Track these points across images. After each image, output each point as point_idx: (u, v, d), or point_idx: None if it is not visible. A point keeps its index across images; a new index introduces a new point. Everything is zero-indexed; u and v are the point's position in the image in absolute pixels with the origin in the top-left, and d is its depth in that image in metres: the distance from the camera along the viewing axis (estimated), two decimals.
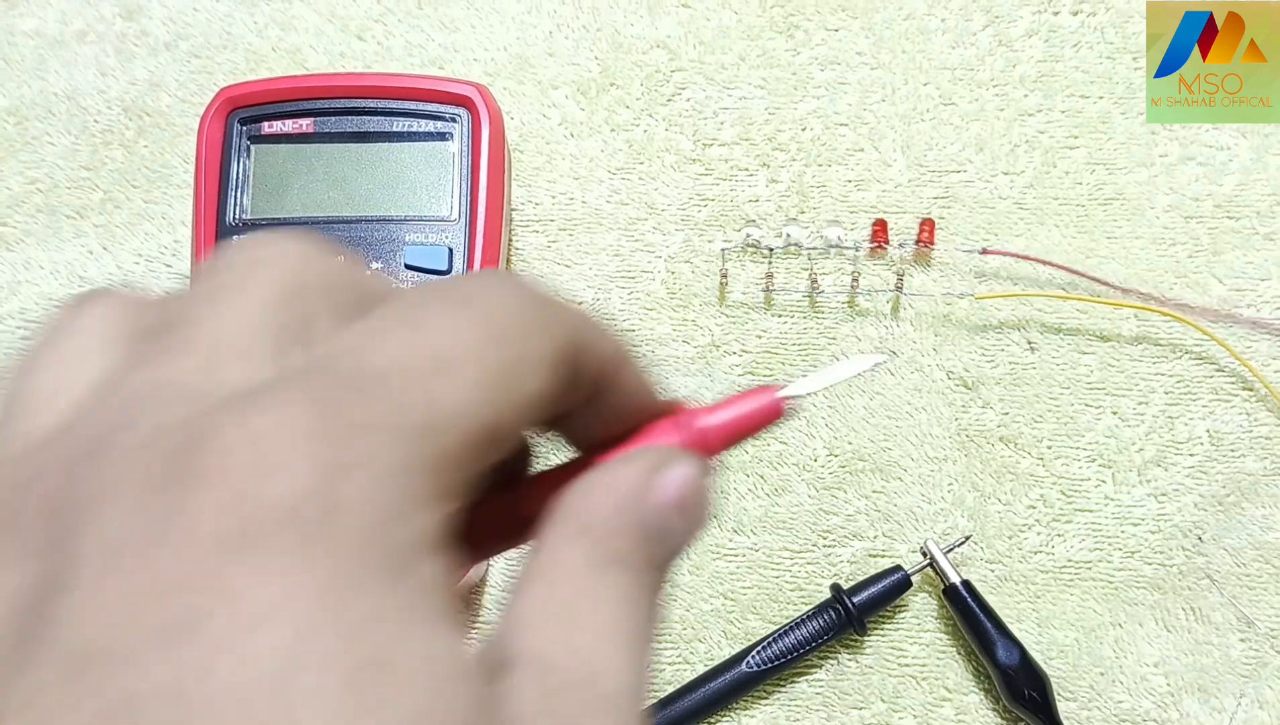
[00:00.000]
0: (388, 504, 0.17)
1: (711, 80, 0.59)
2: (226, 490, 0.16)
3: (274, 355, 0.18)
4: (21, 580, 0.16)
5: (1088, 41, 0.58)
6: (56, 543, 0.16)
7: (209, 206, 0.53)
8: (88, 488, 0.16)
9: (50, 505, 0.16)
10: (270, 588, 0.15)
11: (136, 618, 0.15)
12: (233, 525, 0.15)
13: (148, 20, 0.61)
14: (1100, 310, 0.54)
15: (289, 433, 0.16)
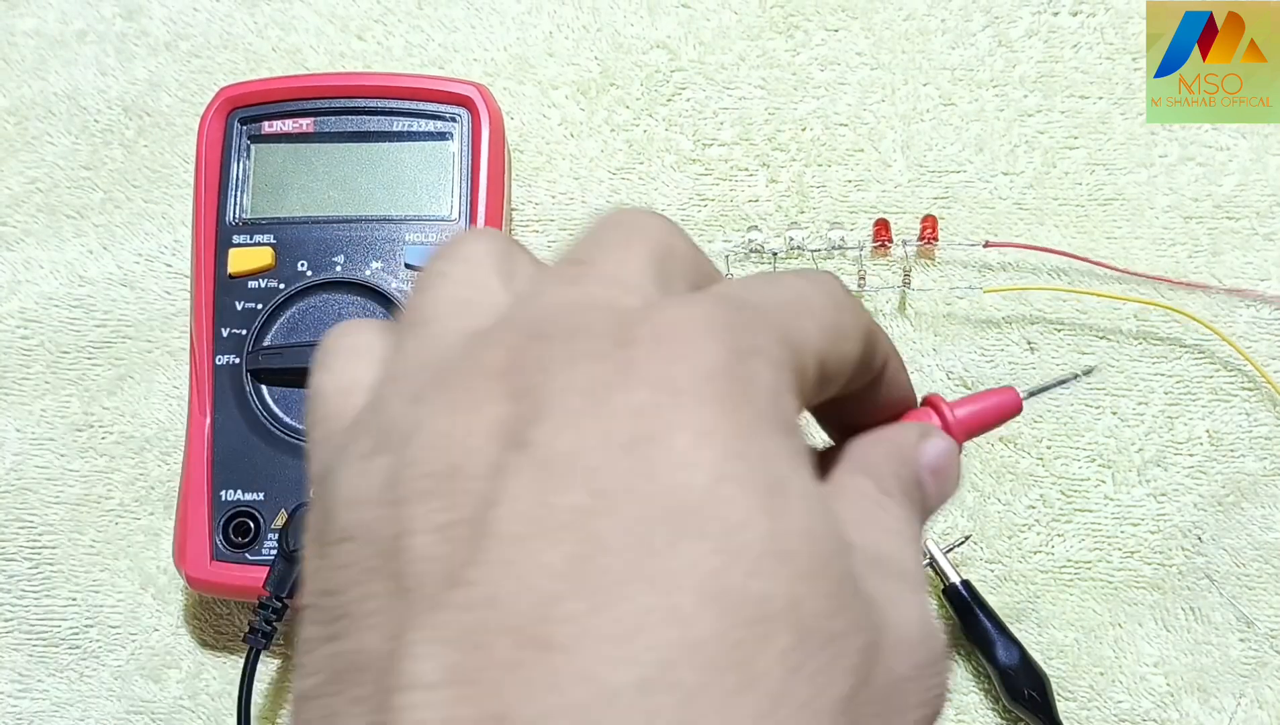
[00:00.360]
0: (777, 384, 0.22)
1: (711, 80, 0.59)
2: (662, 357, 0.21)
3: (660, 293, 0.23)
4: (497, 413, 0.21)
5: (1087, 42, 0.58)
6: (523, 392, 0.21)
7: (209, 206, 0.53)
8: (545, 355, 0.22)
9: (507, 368, 0.22)
10: (701, 424, 0.20)
11: (600, 436, 0.20)
12: (668, 381, 0.21)
13: (148, 20, 0.61)
14: (1100, 310, 0.54)
15: (704, 322, 0.22)
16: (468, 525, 0.20)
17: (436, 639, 0.19)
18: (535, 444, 0.21)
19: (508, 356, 0.22)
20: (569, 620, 0.19)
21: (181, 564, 0.50)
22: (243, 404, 0.51)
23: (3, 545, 0.54)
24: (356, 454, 0.23)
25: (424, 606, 0.20)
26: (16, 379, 0.56)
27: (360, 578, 0.21)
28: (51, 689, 0.52)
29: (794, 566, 0.20)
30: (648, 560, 0.20)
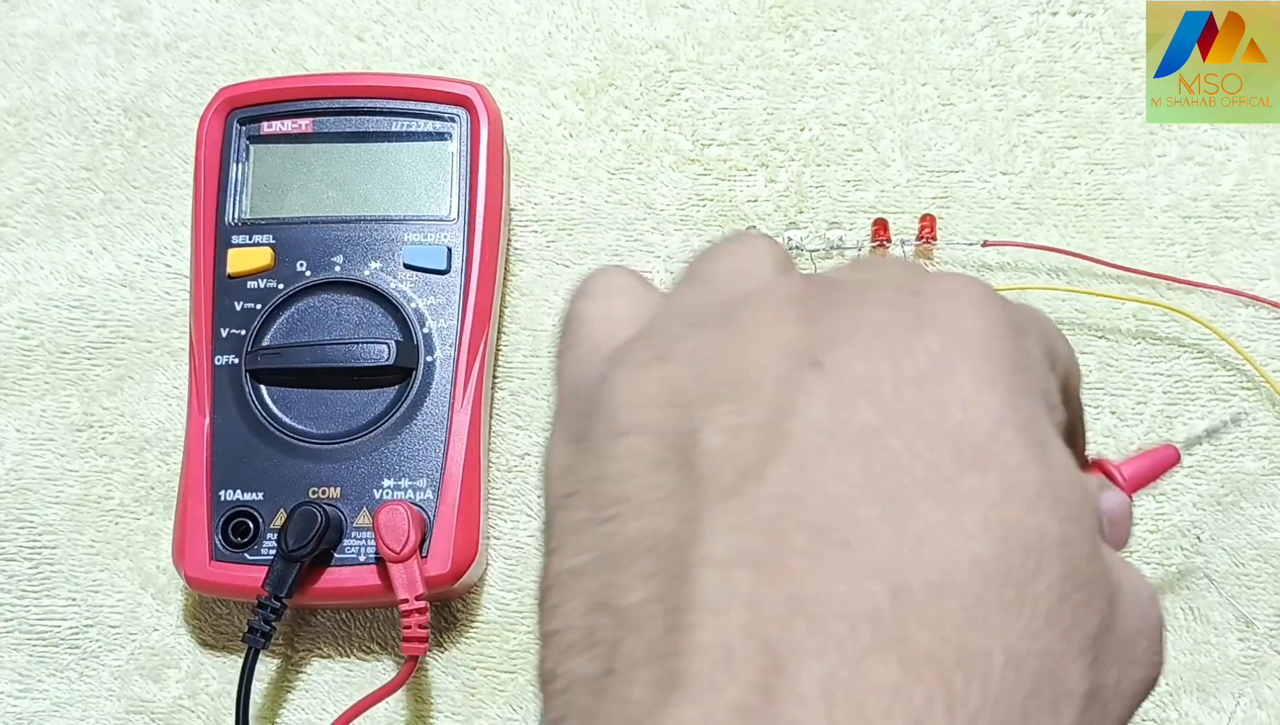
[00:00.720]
0: (1043, 364, 0.25)
1: (710, 80, 0.59)
2: (950, 310, 0.24)
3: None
4: (790, 334, 0.24)
5: (1086, 42, 0.58)
6: (815, 319, 0.24)
7: (208, 206, 0.53)
8: (836, 297, 0.25)
9: (801, 299, 0.25)
10: (987, 373, 0.23)
11: (893, 367, 0.23)
12: (957, 331, 0.24)
13: (148, 21, 0.62)
14: (1099, 310, 0.55)
15: (986, 292, 0.25)
16: (761, 429, 0.23)
17: (735, 525, 0.22)
18: (829, 365, 0.23)
19: (801, 291, 0.25)
20: (862, 523, 0.21)
21: (181, 564, 0.50)
22: (242, 404, 0.51)
23: (3, 545, 0.54)
24: (637, 363, 0.25)
25: (719, 495, 0.22)
26: (16, 379, 0.56)
27: (646, 468, 0.23)
28: (51, 689, 0.52)
29: (1063, 510, 0.23)
30: (936, 481, 0.22)
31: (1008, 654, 0.21)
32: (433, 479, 0.50)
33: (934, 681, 0.21)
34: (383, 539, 0.48)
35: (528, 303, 0.56)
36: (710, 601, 0.21)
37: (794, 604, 0.21)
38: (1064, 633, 0.22)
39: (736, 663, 0.21)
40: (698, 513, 0.22)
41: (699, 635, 0.21)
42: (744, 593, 0.21)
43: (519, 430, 0.55)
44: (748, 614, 0.21)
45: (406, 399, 0.51)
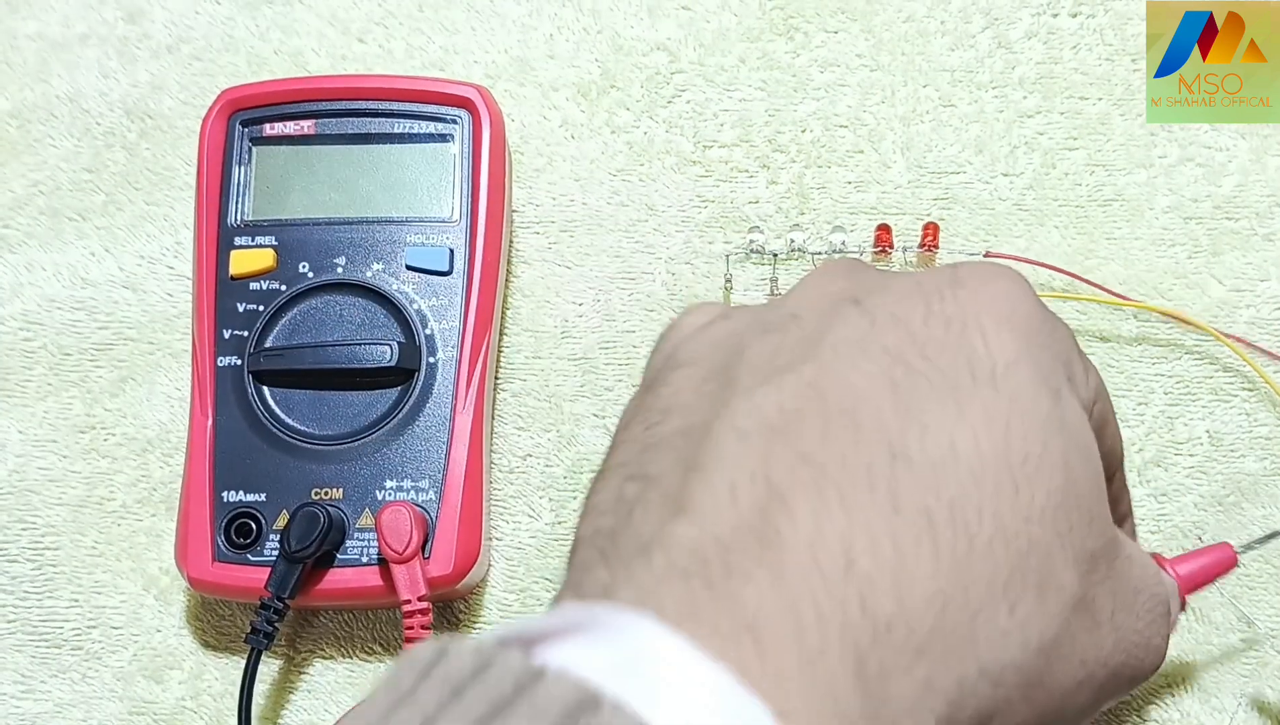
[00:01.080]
0: (1069, 347, 0.28)
1: (711, 82, 0.59)
2: (983, 277, 0.27)
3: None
4: (835, 287, 0.28)
5: (1087, 44, 0.58)
6: (858, 280, 0.28)
7: (210, 208, 0.53)
8: (880, 275, 0.29)
9: (848, 272, 0.29)
10: (1011, 325, 0.26)
11: (924, 311, 0.26)
12: (989, 293, 0.26)
13: (150, 24, 0.62)
14: (1100, 311, 0.55)
15: (1018, 276, 0.28)
16: (798, 344, 0.26)
17: (758, 406, 0.25)
18: (866, 303, 0.27)
19: (854, 264, 0.30)
20: (874, 411, 0.24)
21: (183, 565, 0.50)
22: (244, 405, 0.51)
23: (5, 547, 0.54)
24: (703, 324, 0.29)
25: (750, 386, 0.25)
26: (19, 381, 0.56)
27: (693, 385, 0.27)
28: (54, 690, 0.52)
29: (1070, 440, 0.25)
30: (948, 389, 0.25)
31: (998, 527, 0.24)
32: (435, 480, 0.50)
33: (921, 526, 0.23)
34: (385, 540, 0.48)
35: (529, 304, 0.56)
36: (724, 453, 0.24)
37: (799, 458, 0.24)
38: (1059, 535, 0.25)
39: (739, 494, 0.23)
40: (728, 399, 0.25)
41: (709, 476, 0.24)
42: (756, 449, 0.24)
43: (521, 431, 0.55)
44: (756, 462, 0.24)
45: (409, 400, 0.51)
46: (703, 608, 0.22)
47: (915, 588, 0.23)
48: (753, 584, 0.22)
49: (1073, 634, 0.26)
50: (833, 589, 0.22)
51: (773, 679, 0.21)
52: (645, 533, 0.24)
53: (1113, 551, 0.26)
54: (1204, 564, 0.43)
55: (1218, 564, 0.44)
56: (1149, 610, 0.29)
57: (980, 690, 0.24)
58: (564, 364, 0.56)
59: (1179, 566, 0.42)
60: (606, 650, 0.21)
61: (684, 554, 0.23)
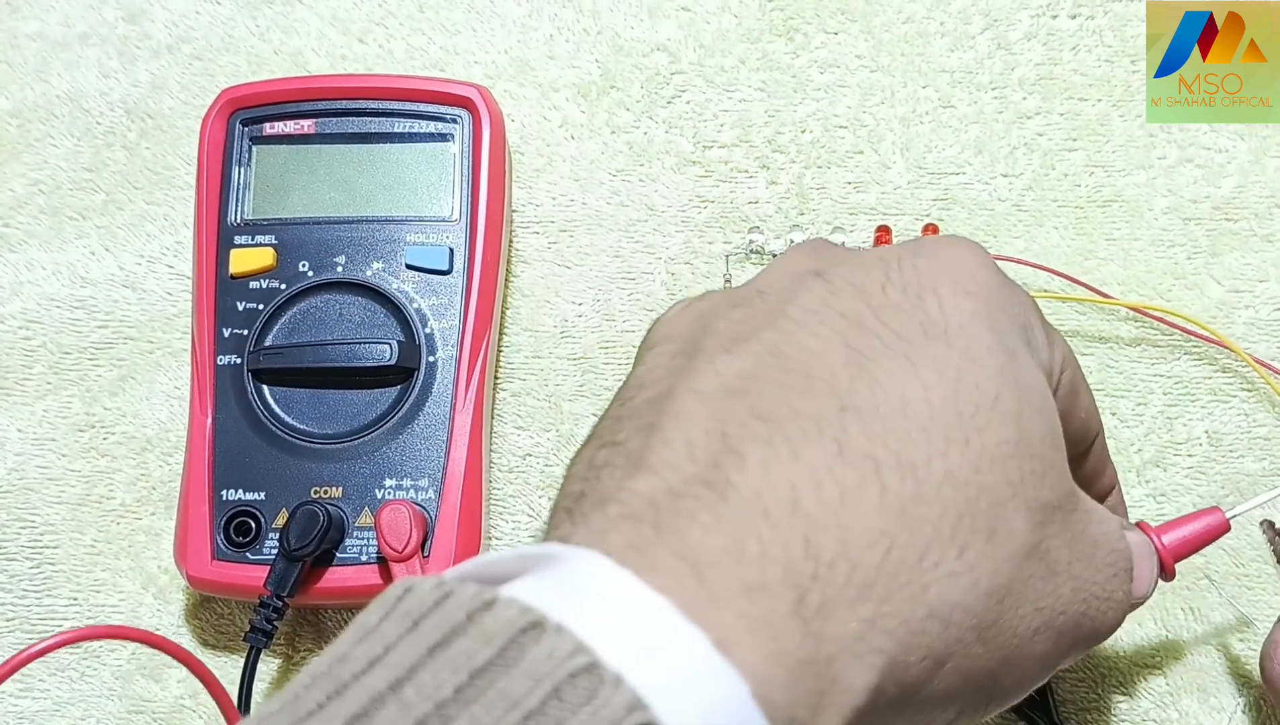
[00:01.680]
0: (1028, 310, 0.29)
1: (711, 83, 0.59)
2: (943, 247, 0.28)
3: None
4: (802, 265, 0.30)
5: (1086, 45, 0.58)
6: (824, 257, 0.30)
7: (210, 207, 0.53)
8: (846, 251, 0.30)
9: (814, 252, 0.30)
10: (967, 290, 0.27)
11: (882, 278, 0.27)
12: (947, 261, 0.27)
13: (150, 23, 0.62)
14: (1099, 312, 0.55)
15: (974, 254, 0.28)
16: (761, 315, 0.27)
17: (718, 370, 0.26)
18: (828, 274, 0.28)
19: (821, 243, 0.31)
20: (828, 368, 0.25)
21: (182, 563, 0.50)
22: (244, 404, 0.51)
23: (4, 545, 0.54)
24: (678, 307, 0.31)
25: (712, 354, 0.27)
26: (18, 380, 0.56)
27: (664, 361, 0.28)
28: (53, 688, 0.52)
29: (1021, 394, 0.26)
30: (901, 346, 0.26)
31: (948, 473, 0.24)
32: (434, 479, 0.50)
33: (868, 471, 0.24)
34: (385, 538, 0.48)
35: (529, 304, 0.56)
36: (681, 413, 0.26)
37: (753, 414, 0.25)
38: (1010, 483, 0.25)
39: (695, 449, 0.25)
40: (693, 367, 0.27)
41: (666, 433, 0.25)
42: (713, 408, 0.25)
43: (520, 431, 0.55)
44: (711, 420, 0.25)
45: (408, 399, 0.51)
46: (648, 545, 0.23)
47: (859, 528, 0.24)
48: (698, 524, 0.24)
49: (1025, 580, 0.26)
50: (776, 528, 0.23)
51: (711, 608, 0.23)
52: (605, 489, 0.25)
53: (1069, 504, 0.27)
54: (1193, 530, 0.42)
55: (1209, 530, 0.42)
56: (1109, 565, 0.30)
57: (930, 630, 0.25)
58: (563, 364, 0.56)
59: (1166, 534, 0.41)
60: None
61: (637, 502, 0.24)
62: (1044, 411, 0.27)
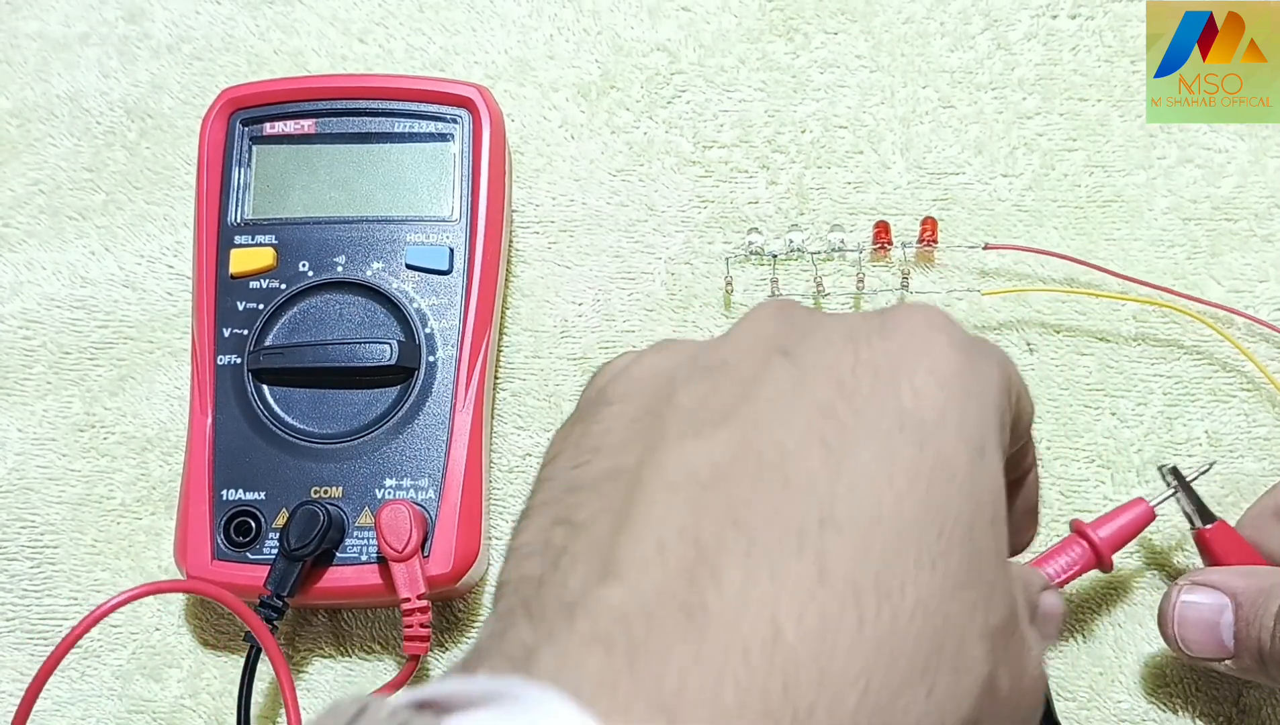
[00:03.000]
0: (999, 387, 0.28)
1: (711, 83, 0.59)
2: (915, 323, 0.27)
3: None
4: (768, 330, 0.28)
5: (1086, 45, 0.58)
6: (792, 323, 0.28)
7: (210, 207, 0.53)
8: (815, 315, 0.29)
9: (779, 313, 0.29)
10: (941, 374, 0.26)
11: (852, 360, 0.26)
12: (920, 338, 0.26)
13: (150, 23, 0.62)
14: (1099, 311, 0.55)
15: (947, 316, 0.27)
16: (728, 394, 0.26)
17: (688, 458, 0.25)
18: (797, 354, 0.27)
19: (787, 306, 0.29)
20: (803, 467, 0.24)
21: (183, 563, 0.50)
22: (244, 404, 0.51)
23: (4, 545, 0.54)
24: (637, 356, 0.30)
25: (681, 435, 0.25)
26: (19, 379, 0.56)
27: (623, 425, 0.27)
28: (53, 688, 0.52)
29: (978, 508, 0.25)
30: (876, 445, 0.24)
31: (919, 601, 0.23)
32: (435, 479, 0.50)
33: (847, 597, 0.23)
34: (384, 538, 0.48)
35: (529, 304, 0.56)
36: (654, 508, 0.24)
37: (729, 516, 0.24)
38: (968, 609, 0.24)
39: (668, 555, 0.23)
40: (658, 446, 0.25)
41: (638, 531, 0.24)
42: (686, 504, 0.24)
43: (520, 431, 0.55)
44: (686, 519, 0.24)
45: (408, 399, 0.51)
46: (620, 683, 0.22)
47: (837, 666, 0.23)
48: (674, 660, 0.22)
49: (978, 718, 0.25)
50: (755, 670, 0.22)
51: None
52: (571, 590, 0.24)
53: (1011, 626, 0.27)
54: (1124, 523, 0.48)
55: (1137, 520, 0.48)
56: (1033, 692, 0.29)
57: None
58: (563, 364, 0.56)
59: (1099, 529, 0.48)
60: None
61: (608, 620, 0.23)
62: (995, 523, 0.26)
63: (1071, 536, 0.49)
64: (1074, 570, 0.48)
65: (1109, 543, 0.48)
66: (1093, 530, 0.48)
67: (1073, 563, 0.48)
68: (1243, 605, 0.44)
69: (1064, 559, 0.48)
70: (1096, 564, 0.48)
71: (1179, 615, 0.46)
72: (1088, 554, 0.48)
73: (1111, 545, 0.48)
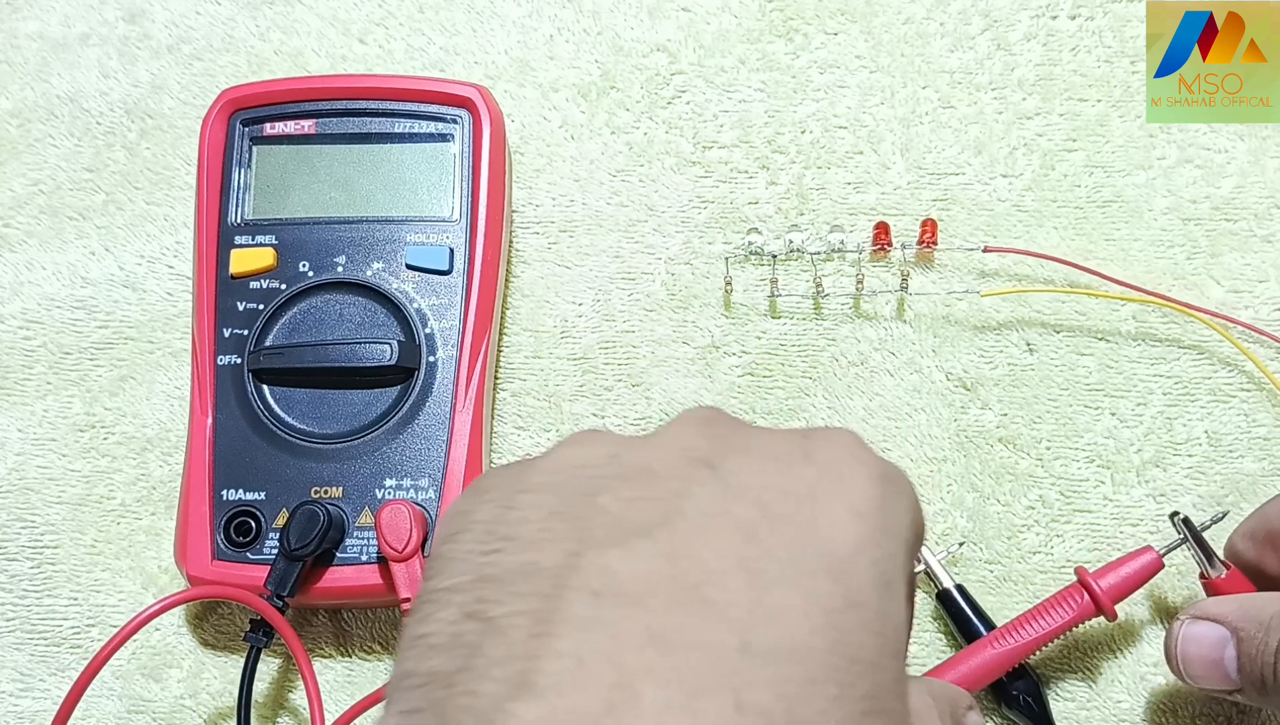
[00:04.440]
0: (908, 517, 0.28)
1: (711, 83, 0.59)
2: (834, 454, 0.27)
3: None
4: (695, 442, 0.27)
5: (1086, 45, 0.58)
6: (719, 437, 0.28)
7: (211, 207, 0.53)
8: (741, 428, 0.29)
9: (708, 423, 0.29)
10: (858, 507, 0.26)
11: (779, 484, 0.26)
12: (839, 470, 0.27)
13: (150, 24, 0.62)
14: (1099, 312, 0.55)
15: (865, 447, 0.28)
16: (654, 503, 0.26)
17: (613, 568, 0.24)
18: (723, 469, 0.27)
19: (713, 416, 0.29)
20: (726, 589, 0.24)
21: (183, 563, 0.50)
22: (244, 404, 0.51)
23: (4, 545, 0.54)
24: (562, 444, 0.29)
25: (605, 543, 0.25)
26: (19, 380, 0.56)
27: (541, 516, 0.26)
28: (53, 688, 0.52)
29: (884, 644, 0.25)
30: (795, 574, 0.24)
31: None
32: (435, 479, 0.50)
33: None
34: (385, 538, 0.48)
35: (529, 304, 0.56)
36: (574, 618, 0.23)
37: (651, 636, 0.23)
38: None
39: (587, 673, 0.23)
40: (582, 552, 0.24)
41: (557, 644, 0.23)
42: (608, 618, 0.23)
43: (520, 431, 0.55)
44: (606, 635, 0.23)
45: (409, 399, 0.51)
46: None
47: None
48: None
49: None
50: None
51: None
52: (484, 699, 0.23)
53: None
54: (1128, 575, 0.48)
55: (1143, 572, 0.48)
56: None
57: None
58: (563, 364, 0.56)
59: (1102, 579, 0.47)
60: None
61: None
62: (897, 656, 0.26)
63: (1074, 585, 0.48)
64: (1071, 619, 0.48)
65: (1112, 593, 0.47)
66: (1095, 580, 0.47)
67: (1073, 613, 0.48)
68: (1244, 640, 0.44)
69: (1064, 609, 0.48)
70: (1098, 613, 0.48)
71: (1182, 651, 0.45)
72: (1088, 605, 0.48)
73: (1115, 595, 0.47)
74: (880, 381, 0.55)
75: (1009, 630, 0.48)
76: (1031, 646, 0.48)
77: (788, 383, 0.55)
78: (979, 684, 0.48)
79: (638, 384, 0.55)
